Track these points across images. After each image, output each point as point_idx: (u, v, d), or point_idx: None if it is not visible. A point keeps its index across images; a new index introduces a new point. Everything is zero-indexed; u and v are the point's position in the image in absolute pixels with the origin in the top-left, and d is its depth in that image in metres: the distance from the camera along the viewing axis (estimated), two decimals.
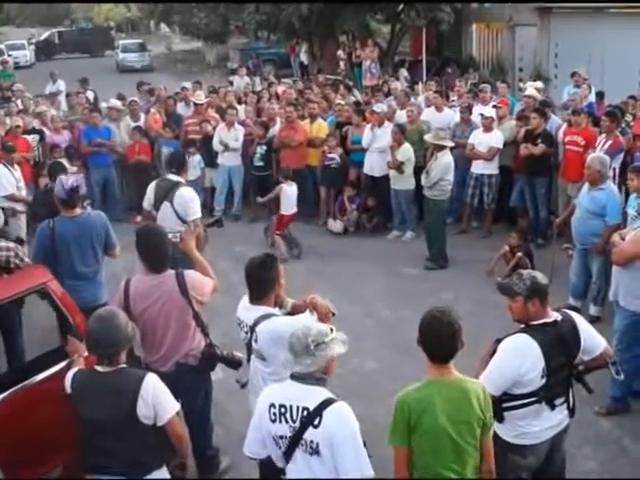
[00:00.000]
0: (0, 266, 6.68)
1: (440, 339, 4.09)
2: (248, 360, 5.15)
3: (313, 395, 4.03)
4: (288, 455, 4.08)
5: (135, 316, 5.43)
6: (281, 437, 4.08)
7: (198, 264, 5.98)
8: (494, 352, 4.73)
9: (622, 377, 6.04)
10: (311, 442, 3.98)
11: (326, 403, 3.99)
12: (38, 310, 6.74)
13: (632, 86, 15.65)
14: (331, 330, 4.11)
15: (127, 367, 4.44)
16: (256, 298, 5.03)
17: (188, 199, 8.20)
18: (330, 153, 12.51)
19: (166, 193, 8.23)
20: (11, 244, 6.82)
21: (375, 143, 12.01)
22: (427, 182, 10.56)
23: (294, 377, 4.09)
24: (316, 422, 3.96)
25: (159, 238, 5.68)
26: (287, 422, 4.04)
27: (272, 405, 4.11)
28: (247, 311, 5.06)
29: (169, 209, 8.16)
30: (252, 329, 4.92)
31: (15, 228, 9.72)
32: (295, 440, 4.02)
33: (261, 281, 5.01)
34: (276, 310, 5.05)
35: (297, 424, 4.01)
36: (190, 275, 5.62)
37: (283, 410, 4.06)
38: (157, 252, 5.59)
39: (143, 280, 5.60)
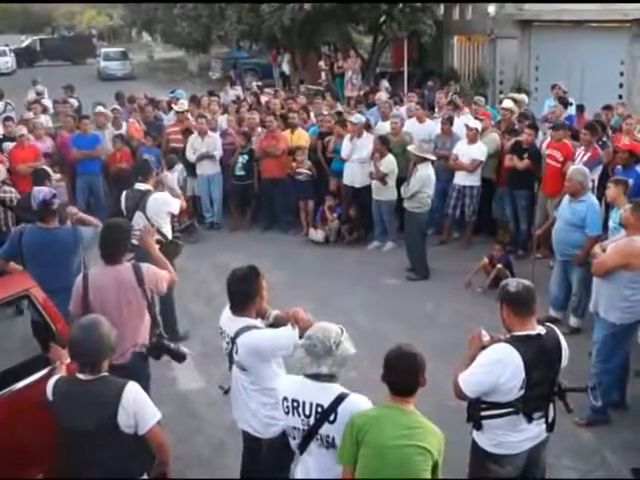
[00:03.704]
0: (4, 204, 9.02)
1: (403, 374, 4.12)
2: (230, 368, 5.16)
3: (326, 392, 4.23)
4: (303, 447, 4.31)
5: (95, 307, 5.60)
6: (294, 428, 4.34)
7: (157, 260, 6.24)
8: (483, 347, 4.76)
9: (600, 404, 6.12)
10: (327, 437, 4.21)
11: (340, 399, 4.20)
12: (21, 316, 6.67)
13: (612, 99, 15.76)
14: (341, 330, 4.36)
15: (108, 376, 4.43)
16: (238, 310, 5.03)
17: (163, 201, 8.29)
18: (298, 168, 12.57)
19: (137, 203, 8.26)
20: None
21: (355, 154, 12.03)
22: (405, 193, 10.59)
23: (307, 376, 4.27)
24: (331, 418, 4.18)
25: (119, 232, 5.91)
26: (300, 416, 4.27)
27: (285, 399, 4.34)
28: (229, 322, 5.06)
29: (141, 218, 8.18)
30: (233, 340, 4.93)
31: None
32: (310, 435, 4.24)
33: (243, 293, 5.02)
34: (258, 321, 5.06)
35: (312, 420, 4.22)
36: (146, 267, 5.86)
37: (296, 404, 4.29)
38: (113, 244, 5.81)
39: (101, 272, 5.81)
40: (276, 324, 5.11)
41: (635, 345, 7.08)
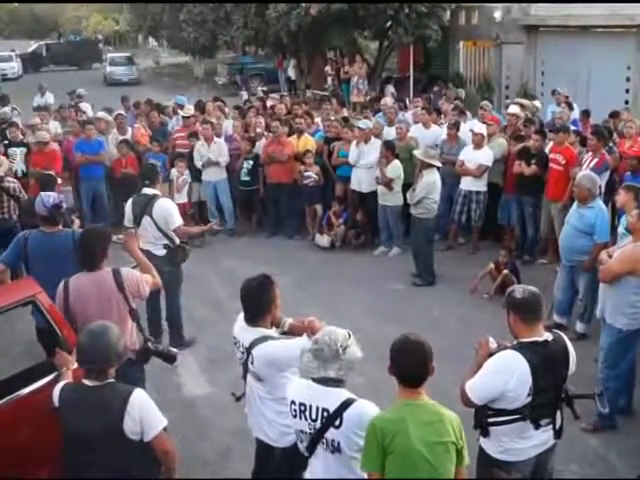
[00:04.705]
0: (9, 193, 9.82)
1: (412, 363, 4.10)
2: (244, 377, 5.11)
3: (333, 397, 4.20)
4: (310, 450, 4.31)
5: (75, 313, 5.69)
6: (301, 431, 4.35)
7: (141, 263, 6.29)
8: (490, 354, 4.76)
9: (607, 410, 6.10)
10: (332, 441, 4.19)
11: (346, 404, 4.17)
12: (26, 322, 6.69)
13: (618, 104, 15.75)
14: (349, 335, 4.32)
15: (115, 382, 4.43)
16: (252, 320, 4.94)
17: (168, 209, 8.27)
18: (307, 171, 12.55)
19: (144, 207, 8.26)
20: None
21: (362, 159, 12.02)
22: (411, 199, 10.58)
23: (315, 380, 4.24)
24: (337, 423, 4.15)
25: (97, 238, 5.95)
26: (306, 420, 4.27)
27: (292, 402, 4.34)
28: (243, 332, 4.98)
29: (149, 222, 8.20)
30: (248, 351, 4.87)
31: None
32: (317, 439, 4.24)
33: (258, 303, 4.93)
34: (273, 331, 4.99)
35: (318, 424, 4.21)
36: (126, 272, 5.88)
37: (303, 408, 4.28)
38: (92, 250, 5.85)
39: (81, 278, 5.83)
40: (290, 333, 5.04)
41: None
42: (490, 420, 4.71)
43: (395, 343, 4.18)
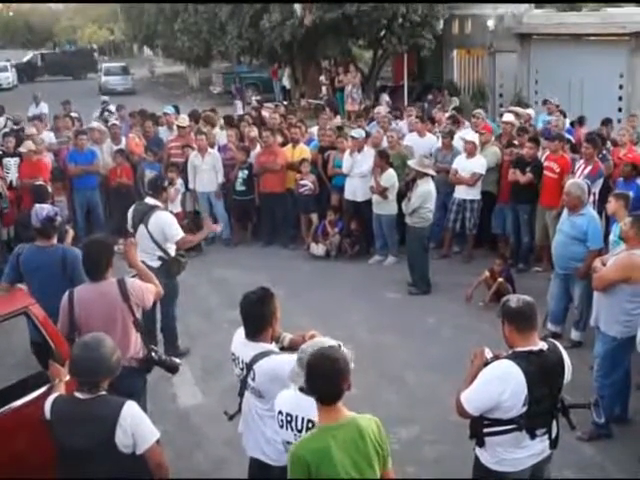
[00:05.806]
0: None
1: (326, 380, 3.95)
2: (240, 394, 5.00)
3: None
4: None
5: (80, 323, 5.67)
6: (288, 442, 4.31)
7: (142, 272, 6.27)
8: (485, 364, 4.74)
9: (602, 420, 6.07)
10: None
11: None
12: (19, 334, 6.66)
13: (611, 112, 15.80)
14: (339, 346, 4.28)
15: (107, 394, 4.39)
16: (253, 334, 4.85)
17: (164, 223, 8.23)
18: (302, 180, 12.56)
19: (142, 217, 8.27)
20: None
21: (356, 168, 12.01)
22: (407, 209, 10.59)
23: (301, 390, 4.22)
24: None
25: (101, 248, 5.91)
26: (292, 430, 4.27)
27: (280, 412, 4.34)
28: (243, 347, 4.90)
29: (144, 232, 8.19)
30: (249, 367, 4.79)
31: None
32: None
33: (258, 317, 4.84)
34: (273, 345, 4.91)
35: (303, 434, 4.19)
36: (131, 282, 5.89)
37: (289, 419, 4.28)
38: (96, 261, 5.83)
39: (87, 289, 5.85)
40: (290, 348, 4.95)
41: (636, 358, 7.06)
42: (486, 430, 4.68)
43: (309, 361, 4.04)
